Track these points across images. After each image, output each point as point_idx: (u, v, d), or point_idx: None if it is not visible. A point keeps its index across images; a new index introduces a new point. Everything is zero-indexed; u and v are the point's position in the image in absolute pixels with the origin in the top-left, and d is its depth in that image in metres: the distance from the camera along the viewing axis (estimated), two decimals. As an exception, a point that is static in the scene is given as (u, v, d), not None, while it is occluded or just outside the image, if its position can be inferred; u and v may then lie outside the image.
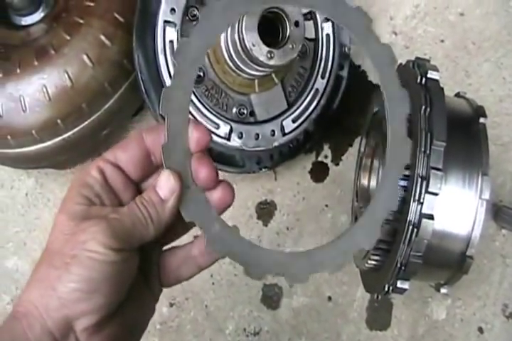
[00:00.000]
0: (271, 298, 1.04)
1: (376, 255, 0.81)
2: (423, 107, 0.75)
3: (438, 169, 0.72)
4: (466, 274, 0.78)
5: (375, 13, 1.15)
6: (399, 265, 0.74)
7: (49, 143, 0.98)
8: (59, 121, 0.95)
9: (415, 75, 0.79)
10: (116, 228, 0.49)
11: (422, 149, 0.73)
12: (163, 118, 0.50)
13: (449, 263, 0.79)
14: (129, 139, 0.55)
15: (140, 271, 0.53)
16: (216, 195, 0.54)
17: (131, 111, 1.09)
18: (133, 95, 1.00)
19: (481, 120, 0.81)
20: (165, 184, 0.51)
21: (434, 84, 0.78)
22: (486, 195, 0.76)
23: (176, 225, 0.54)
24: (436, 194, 0.71)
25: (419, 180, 0.72)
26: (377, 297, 0.83)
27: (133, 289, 0.52)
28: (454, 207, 0.76)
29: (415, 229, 0.72)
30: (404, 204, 0.74)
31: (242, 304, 1.04)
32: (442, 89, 0.78)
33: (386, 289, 0.78)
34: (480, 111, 0.82)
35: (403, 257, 0.73)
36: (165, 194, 0.51)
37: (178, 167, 0.50)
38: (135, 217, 0.51)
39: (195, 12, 0.96)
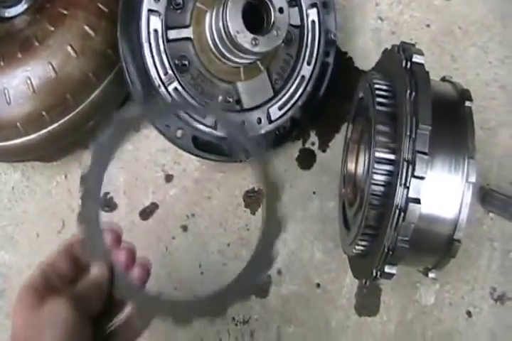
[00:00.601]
0: (260, 287, 1.03)
1: (363, 240, 0.80)
2: (408, 91, 0.75)
3: (424, 153, 0.71)
4: (453, 258, 0.78)
5: (361, -1, 1.15)
6: (386, 250, 0.74)
7: (34, 135, 0.97)
8: (44, 113, 0.95)
9: (400, 60, 0.79)
10: (72, 301, 0.60)
11: (408, 133, 0.72)
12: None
13: (436, 247, 0.79)
14: (59, 250, 0.68)
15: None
16: (135, 273, 0.68)
17: (117, 101, 1.08)
18: (118, 86, 1.00)
19: (467, 103, 0.81)
20: (95, 273, 0.64)
21: (419, 68, 0.78)
22: (472, 178, 0.76)
23: (116, 301, 0.66)
24: (422, 178, 0.71)
25: (405, 164, 0.72)
26: (366, 283, 0.83)
27: None
28: (440, 191, 0.76)
29: (402, 214, 0.72)
30: (391, 188, 0.74)
31: (232, 293, 1.03)
32: (427, 73, 0.78)
33: (374, 274, 0.78)
34: (465, 95, 0.82)
35: (390, 242, 0.73)
36: (98, 280, 0.63)
37: (101, 259, 0.64)
38: (81, 295, 0.62)
39: (180, 0, 0.96)
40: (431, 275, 0.84)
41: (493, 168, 1.04)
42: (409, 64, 0.78)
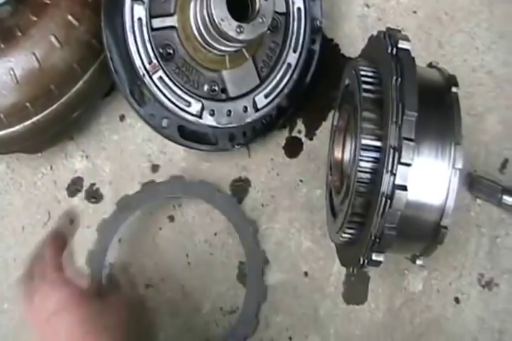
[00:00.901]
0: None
1: (350, 228, 0.80)
2: (394, 77, 0.74)
3: (410, 139, 0.71)
4: (440, 244, 0.78)
5: (347, -14, 1.14)
6: (373, 237, 0.74)
7: (18, 127, 0.97)
8: (28, 104, 0.94)
9: (386, 46, 0.78)
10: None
11: (394, 120, 0.72)
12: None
13: (423, 234, 0.78)
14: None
15: None
16: None
17: (102, 91, 1.07)
18: (103, 75, 0.99)
19: (453, 89, 0.80)
20: None
21: (405, 54, 0.77)
22: (459, 165, 0.75)
23: None
24: (409, 165, 0.70)
25: (392, 151, 0.71)
26: (353, 270, 0.83)
27: None
28: (427, 178, 0.75)
29: (389, 201, 0.71)
30: (377, 175, 0.73)
31: (219, 283, 1.03)
32: (413, 58, 0.77)
33: (361, 262, 0.77)
34: (452, 81, 0.81)
35: (377, 229, 0.73)
36: None
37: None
38: None
39: (163, -12, 0.95)
40: (418, 262, 0.84)
41: (481, 154, 1.03)
42: (395, 50, 0.77)
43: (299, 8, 1.04)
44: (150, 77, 0.94)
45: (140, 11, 0.93)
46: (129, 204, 1.03)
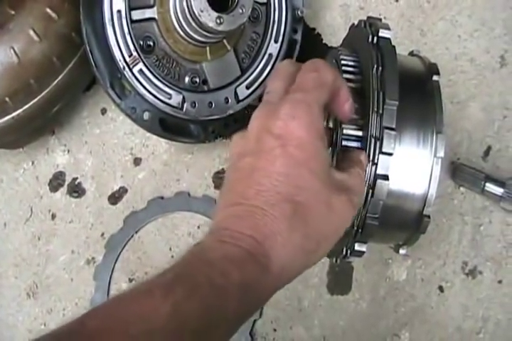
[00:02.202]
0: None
1: (333, 219, 0.80)
2: (375, 67, 0.73)
3: (391, 129, 0.70)
4: (423, 234, 0.78)
5: (329, -25, 1.13)
6: (355, 227, 0.73)
7: (-2, 122, 0.96)
8: (7, 99, 0.93)
9: (366, 35, 0.78)
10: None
11: (375, 109, 0.71)
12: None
13: (406, 223, 0.78)
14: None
15: None
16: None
17: (83, 85, 1.07)
18: (83, 69, 0.98)
19: (435, 78, 0.80)
20: None
21: (386, 43, 0.76)
22: (441, 153, 0.75)
23: None
24: (390, 154, 0.70)
25: (373, 140, 0.70)
26: (336, 261, 0.83)
27: None
28: (409, 167, 0.75)
29: (370, 191, 0.71)
30: (359, 166, 0.73)
31: (203, 275, 1.03)
32: (394, 47, 0.76)
33: (344, 253, 0.77)
34: (433, 69, 0.81)
35: (359, 219, 0.73)
36: None
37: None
38: None
39: (142, -20, 0.94)
40: (402, 251, 0.83)
41: (464, 142, 1.03)
42: (375, 39, 0.77)
43: (279, -2, 1.03)
44: (130, 70, 0.93)
45: (119, 3, 0.92)
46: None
